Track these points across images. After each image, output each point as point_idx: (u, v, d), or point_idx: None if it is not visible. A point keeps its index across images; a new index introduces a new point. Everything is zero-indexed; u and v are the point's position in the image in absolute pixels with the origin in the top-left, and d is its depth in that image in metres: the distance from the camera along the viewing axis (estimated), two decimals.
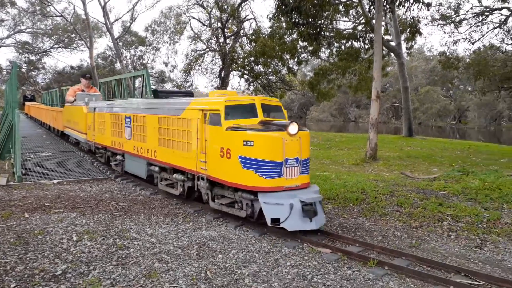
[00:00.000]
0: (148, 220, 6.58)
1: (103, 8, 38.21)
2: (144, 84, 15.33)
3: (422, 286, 4.30)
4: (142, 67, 47.20)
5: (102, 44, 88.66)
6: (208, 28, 33.49)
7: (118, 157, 10.08)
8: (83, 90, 15.62)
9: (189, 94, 9.33)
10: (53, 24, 49.73)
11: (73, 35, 48.95)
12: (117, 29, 50.13)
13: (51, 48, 51.64)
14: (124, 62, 44.33)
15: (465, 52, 26.56)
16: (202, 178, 6.54)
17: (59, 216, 6.59)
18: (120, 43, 45.40)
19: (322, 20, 18.50)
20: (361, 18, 21.34)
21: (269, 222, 5.56)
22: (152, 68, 49.01)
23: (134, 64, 49.65)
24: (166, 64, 46.97)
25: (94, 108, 11.70)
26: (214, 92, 7.49)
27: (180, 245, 5.40)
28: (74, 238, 5.54)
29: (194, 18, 34.80)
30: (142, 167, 8.67)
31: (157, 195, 8.39)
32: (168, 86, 48.54)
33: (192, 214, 6.96)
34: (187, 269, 4.62)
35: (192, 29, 35.26)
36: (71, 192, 8.42)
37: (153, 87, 45.19)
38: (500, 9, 22.27)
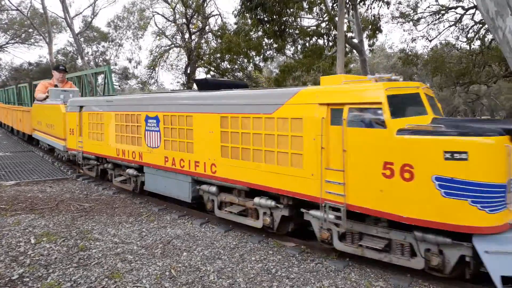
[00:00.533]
0: (111, 220, 6.45)
1: (63, 2, 36.82)
2: (106, 81, 14.99)
3: (381, 276, 4.46)
4: (104, 63, 45.92)
5: (62, 39, 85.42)
6: (173, 24, 33.04)
7: (130, 171, 7.65)
8: (56, 86, 12.84)
9: (244, 86, 7.14)
10: (8, 19, 47.36)
11: (30, 30, 46.86)
12: (78, 24, 48.45)
13: (7, 43, 49.21)
14: (86, 58, 42.99)
15: (423, 49, 27.60)
16: (334, 209, 4.45)
17: (16, 219, 6.34)
18: (82, 39, 43.92)
19: (287, 17, 18.65)
20: (324, 16, 21.69)
21: (499, 284, 3.67)
22: (115, 64, 47.75)
23: (97, 61, 48.20)
24: (129, 60, 45.81)
25: (81, 107, 9.10)
26: (332, 78, 4.93)
27: (144, 244, 5.33)
28: (32, 241, 5.35)
29: (158, 13, 34.26)
30: (182, 186, 6.44)
31: (120, 194, 8.22)
32: (132, 83, 47.52)
33: (157, 213, 6.88)
34: (151, 268, 4.58)
35: (156, 25, 34.67)
36: (30, 193, 8.11)
37: (116, 84, 44.14)
38: (455, 8, 23.28)
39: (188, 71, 32.15)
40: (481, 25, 21.61)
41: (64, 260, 4.76)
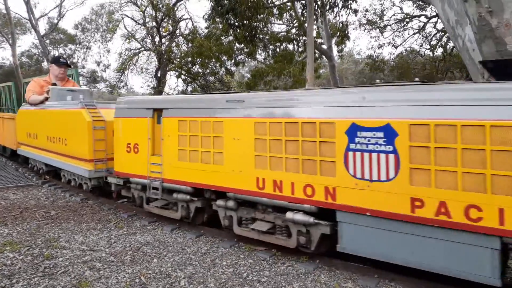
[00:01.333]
0: (79, 227, 6.30)
1: (27, 3, 35.68)
2: None
3: (350, 277, 4.57)
4: (71, 66, 44.69)
5: (26, 41, 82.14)
6: (143, 27, 32.60)
7: (297, 217, 4.69)
8: (54, 84, 9.56)
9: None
10: None
11: None
12: (43, 26, 47.09)
13: None
14: None
15: (390, 55, 28.53)
16: None
17: None
18: (47, 41, 42.64)
19: (257, 23, 18.83)
20: (294, 22, 22.03)
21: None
22: (83, 67, 46.58)
23: None
24: (98, 63, 44.85)
25: (156, 110, 6.22)
26: None
27: (113, 252, 5.24)
28: None
29: (128, 16, 33.79)
30: (474, 256, 3.58)
31: (88, 200, 8.03)
32: (101, 86, 46.48)
33: (126, 219, 6.77)
34: (121, 275, 4.51)
35: (125, 28, 34.10)
36: None
37: (84, 87, 42.93)
38: (419, 16, 24.22)
39: (159, 75, 31.80)
40: (443, 33, 22.55)
41: (28, 269, 4.61)
